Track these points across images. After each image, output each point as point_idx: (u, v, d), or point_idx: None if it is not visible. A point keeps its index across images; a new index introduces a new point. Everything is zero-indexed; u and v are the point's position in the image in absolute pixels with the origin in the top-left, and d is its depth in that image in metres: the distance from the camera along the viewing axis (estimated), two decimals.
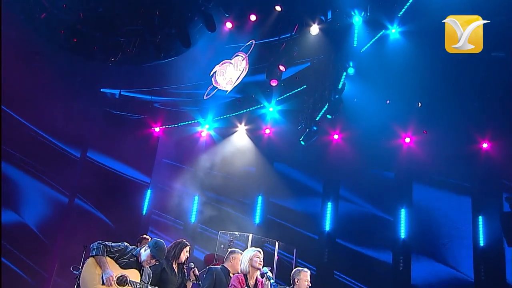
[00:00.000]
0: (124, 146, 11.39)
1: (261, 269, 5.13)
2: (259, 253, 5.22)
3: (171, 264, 5.49)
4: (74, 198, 10.60)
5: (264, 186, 11.69)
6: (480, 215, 10.05)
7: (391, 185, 10.77)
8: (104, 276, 4.63)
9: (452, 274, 9.91)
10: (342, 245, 11.04)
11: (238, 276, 5.06)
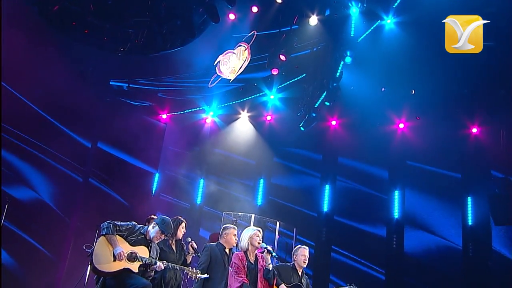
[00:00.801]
0: (133, 132, 11.46)
1: (260, 247, 5.27)
2: (258, 232, 5.34)
3: (169, 243, 5.54)
4: (88, 178, 10.68)
5: (265, 169, 11.79)
6: (469, 196, 10.19)
7: (386, 166, 10.84)
8: (116, 252, 4.72)
9: (442, 243, 10.06)
10: (339, 221, 11.16)
11: (238, 253, 5.17)
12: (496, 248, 9.57)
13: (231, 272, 5.07)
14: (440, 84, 9.66)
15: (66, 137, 10.31)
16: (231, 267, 5.10)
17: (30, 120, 9.70)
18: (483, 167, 10.08)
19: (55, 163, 9.97)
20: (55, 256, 9.61)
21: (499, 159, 9.78)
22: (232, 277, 5.00)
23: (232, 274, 5.02)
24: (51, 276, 9.41)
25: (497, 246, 9.55)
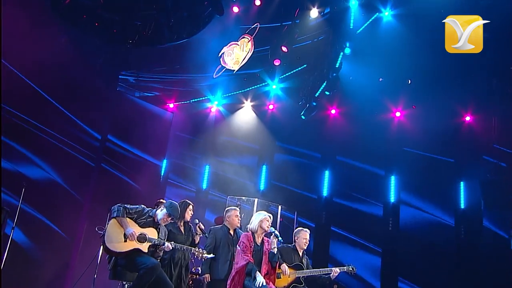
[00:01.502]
0: (141, 121, 11.55)
1: (269, 231, 5.32)
2: (268, 218, 5.39)
3: (177, 225, 5.58)
4: (100, 163, 10.77)
5: (268, 156, 11.86)
6: (461, 181, 10.26)
7: (383, 153, 10.86)
8: (127, 232, 4.78)
9: (435, 221, 10.15)
10: (338, 203, 11.27)
11: (247, 234, 5.23)
12: (486, 225, 9.67)
13: (238, 250, 5.12)
14: (435, 74, 9.66)
15: (78, 127, 10.32)
16: (239, 246, 5.15)
17: (44, 109, 9.74)
18: (475, 153, 10.12)
19: (68, 149, 10.01)
20: (70, 236, 9.71)
21: (491, 145, 9.82)
22: (239, 255, 5.04)
23: (239, 252, 5.06)
24: (66, 256, 9.52)
25: (488, 224, 9.65)
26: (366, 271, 10.19)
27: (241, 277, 4.93)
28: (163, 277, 4.92)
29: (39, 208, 9.25)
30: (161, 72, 11.73)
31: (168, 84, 12.16)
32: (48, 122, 9.73)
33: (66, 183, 9.86)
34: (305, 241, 6.05)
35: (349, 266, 6.03)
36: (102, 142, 10.94)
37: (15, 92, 9.12)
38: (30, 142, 9.41)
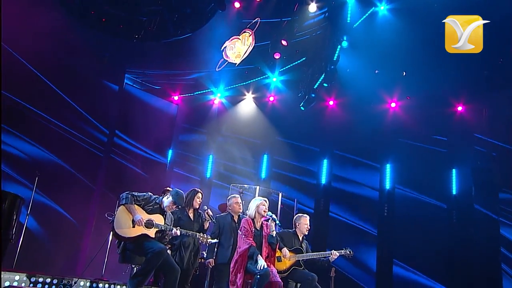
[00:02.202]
0: (147, 113, 11.57)
1: (266, 215, 5.36)
2: (264, 202, 5.42)
3: (187, 212, 5.61)
4: (109, 154, 10.81)
5: (269, 145, 11.87)
6: (454, 169, 10.30)
7: (378, 142, 10.88)
8: (135, 219, 4.80)
9: (429, 205, 10.23)
10: (336, 188, 11.34)
11: (247, 219, 5.26)
12: (477, 208, 9.74)
13: (240, 235, 5.16)
14: (428, 66, 9.64)
15: (87, 120, 10.33)
16: (240, 231, 5.19)
17: (55, 103, 9.78)
18: (467, 142, 10.16)
19: (78, 141, 10.04)
20: (81, 222, 9.79)
21: (482, 134, 9.84)
22: (241, 239, 5.08)
23: (241, 236, 5.11)
24: (77, 241, 9.60)
25: (479, 207, 9.71)
26: (362, 255, 10.27)
27: (244, 260, 4.98)
28: (169, 261, 4.96)
29: (52, 196, 9.32)
30: (166, 65, 11.70)
31: (173, 77, 12.17)
32: (58, 115, 9.78)
33: (77, 172, 9.90)
34: (306, 227, 6.08)
35: (347, 249, 6.07)
36: (110, 134, 10.95)
37: (32, 89, 9.29)
38: (43, 134, 9.47)
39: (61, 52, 9.67)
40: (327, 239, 10.42)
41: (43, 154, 9.34)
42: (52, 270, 7.40)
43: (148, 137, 11.46)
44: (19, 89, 9.11)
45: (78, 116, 10.17)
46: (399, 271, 10.16)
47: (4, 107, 8.76)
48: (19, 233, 6.82)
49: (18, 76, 9.06)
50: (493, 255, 9.22)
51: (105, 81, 10.79)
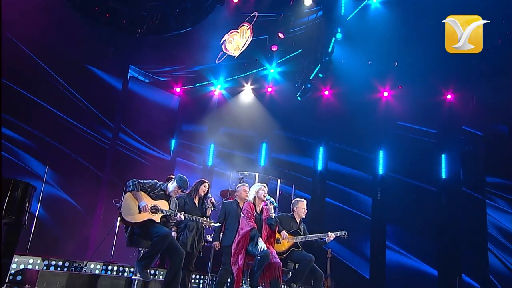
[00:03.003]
0: (151, 104, 11.54)
1: (265, 200, 5.38)
2: (264, 187, 5.44)
3: (192, 199, 5.63)
4: (115, 146, 10.81)
5: (267, 134, 11.87)
6: (443, 154, 10.33)
7: (372, 130, 10.90)
8: (141, 205, 4.80)
9: (420, 189, 10.30)
10: (331, 174, 11.38)
11: (249, 203, 5.29)
12: (465, 191, 9.82)
13: (243, 217, 5.17)
14: (419, 56, 9.63)
15: (92, 114, 10.29)
16: (243, 213, 5.21)
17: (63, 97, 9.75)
18: (455, 129, 10.22)
19: (85, 135, 10.04)
20: (90, 209, 9.84)
21: (470, 121, 9.87)
22: (244, 221, 5.10)
23: (244, 219, 5.13)
24: (86, 228, 9.63)
25: (467, 189, 9.77)
26: (357, 239, 10.36)
27: (246, 242, 5.01)
28: (174, 244, 4.98)
29: (61, 185, 9.35)
30: (168, 59, 11.65)
31: (175, 70, 12.13)
32: (66, 108, 9.75)
33: (85, 161, 9.91)
34: (304, 210, 6.08)
35: (342, 231, 6.08)
36: (115, 127, 10.90)
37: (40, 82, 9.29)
38: (53, 128, 9.46)
39: (67, 47, 9.62)
40: (324, 225, 10.49)
41: (53, 148, 9.31)
42: (63, 254, 7.43)
43: (151, 128, 11.41)
44: (28, 83, 9.10)
45: (84, 108, 10.12)
46: (391, 255, 10.26)
47: (16, 102, 8.84)
48: (31, 220, 6.85)
49: (27, 70, 9.10)
50: (480, 235, 9.31)
51: (109, 75, 10.72)
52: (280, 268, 4.94)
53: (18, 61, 8.90)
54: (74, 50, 9.74)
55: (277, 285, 4.89)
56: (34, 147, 9.00)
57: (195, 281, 7.42)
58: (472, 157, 9.82)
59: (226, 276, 5.47)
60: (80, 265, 6.39)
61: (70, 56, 9.80)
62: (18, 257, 5.71)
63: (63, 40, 9.38)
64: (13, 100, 8.67)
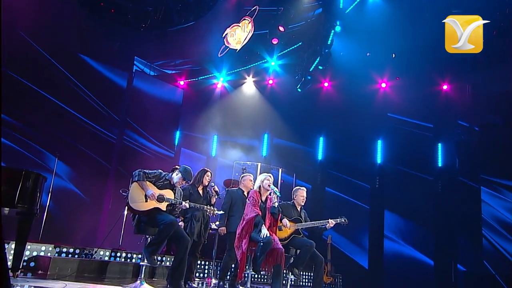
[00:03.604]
0: (156, 97, 11.53)
1: (270, 189, 5.38)
2: (269, 177, 5.40)
3: (197, 189, 5.64)
4: (121, 145, 10.85)
5: (269, 125, 11.86)
6: (439, 143, 10.33)
7: (370, 120, 10.91)
8: (147, 194, 4.79)
9: (416, 178, 10.32)
10: (331, 163, 11.41)
11: (255, 190, 5.22)
12: (461, 179, 9.84)
13: (248, 204, 5.14)
14: (416, 48, 9.59)
15: (99, 108, 10.29)
16: (248, 200, 5.18)
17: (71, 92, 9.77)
18: (451, 118, 10.20)
19: (93, 130, 10.07)
20: (98, 199, 9.90)
21: (465, 111, 9.85)
22: (249, 208, 5.09)
23: (249, 205, 5.10)
24: (95, 217, 9.70)
25: (462, 178, 9.78)
26: (355, 228, 10.42)
27: (250, 228, 5.01)
28: (180, 232, 5.00)
29: (70, 176, 9.40)
30: (172, 53, 11.62)
31: (179, 63, 12.09)
32: (73, 103, 9.75)
33: (94, 155, 9.95)
34: (303, 198, 6.06)
35: (342, 218, 6.08)
36: (122, 120, 10.91)
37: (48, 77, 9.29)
38: (61, 122, 9.49)
39: (74, 42, 9.61)
40: (324, 214, 10.56)
41: (63, 142, 9.32)
42: (74, 242, 7.49)
43: (156, 120, 11.42)
44: (37, 78, 9.12)
45: (91, 103, 10.12)
46: (389, 244, 10.31)
47: (27, 97, 8.91)
48: (42, 209, 6.90)
49: (37, 66, 9.11)
50: (473, 221, 9.35)
51: (115, 68, 10.70)
52: (282, 254, 4.95)
53: (30, 58, 8.96)
54: (81, 45, 9.72)
55: (279, 270, 4.91)
56: (44, 140, 9.02)
57: (200, 267, 7.50)
58: (467, 145, 9.83)
59: (230, 262, 5.51)
60: (90, 252, 6.46)
61: (77, 51, 9.79)
62: (31, 244, 5.79)
63: (70, 36, 9.36)
64: (24, 95, 8.76)
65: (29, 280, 4.61)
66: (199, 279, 7.06)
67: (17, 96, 8.73)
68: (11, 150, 8.53)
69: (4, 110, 8.54)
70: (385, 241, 10.29)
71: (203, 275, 7.52)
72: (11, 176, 4.13)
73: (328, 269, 8.98)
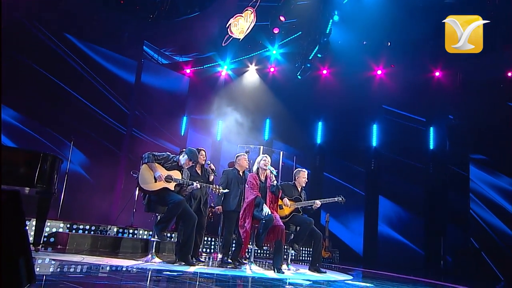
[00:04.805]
0: (163, 85, 11.51)
1: (267, 169, 5.42)
2: (266, 157, 5.43)
3: (195, 169, 5.58)
4: (131, 132, 10.85)
5: (270, 111, 11.85)
6: (431, 126, 10.31)
7: (366, 106, 10.90)
8: (156, 175, 4.81)
9: (410, 164, 10.33)
10: (329, 149, 11.43)
11: (252, 174, 5.25)
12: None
13: (247, 188, 5.17)
14: (410, 37, 9.51)
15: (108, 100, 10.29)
16: (247, 184, 5.20)
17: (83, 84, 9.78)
18: (443, 103, 10.14)
19: (104, 120, 10.09)
20: (111, 181, 9.98)
21: (456, 96, 9.81)
22: (248, 191, 5.14)
23: (248, 189, 5.14)
24: (109, 197, 9.80)
25: (453, 177, 9.80)
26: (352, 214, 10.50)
27: (251, 208, 5.06)
28: (188, 210, 5.04)
29: (85, 159, 9.48)
30: (179, 42, 11.56)
31: (185, 52, 12.02)
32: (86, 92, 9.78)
33: (104, 141, 10.00)
34: (304, 179, 6.07)
35: (339, 196, 6.10)
36: (131, 113, 10.90)
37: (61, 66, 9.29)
38: (77, 113, 9.53)
39: (86, 33, 9.56)
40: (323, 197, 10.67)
41: (76, 127, 9.36)
42: (89, 220, 7.60)
43: (164, 107, 11.42)
44: (51, 67, 9.12)
45: (103, 91, 10.12)
46: (383, 228, 10.38)
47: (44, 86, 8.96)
48: (60, 190, 6.98)
49: (48, 54, 9.09)
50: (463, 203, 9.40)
51: (125, 59, 10.66)
52: (283, 231, 5.01)
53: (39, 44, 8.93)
54: (91, 34, 9.66)
55: (280, 245, 4.98)
56: (59, 127, 9.08)
57: (207, 242, 7.61)
58: (457, 129, 9.82)
59: (230, 237, 5.59)
60: (105, 229, 6.58)
61: (87, 40, 9.73)
62: (50, 222, 5.89)
63: (81, 26, 9.31)
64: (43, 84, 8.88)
65: (50, 254, 4.71)
66: (206, 254, 7.17)
67: (37, 86, 8.87)
68: (30, 138, 8.65)
69: (26, 100, 8.69)
70: (379, 227, 10.36)
71: (210, 250, 7.65)
72: (31, 158, 4.19)
73: (326, 245, 9.10)
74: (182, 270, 4.24)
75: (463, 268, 8.88)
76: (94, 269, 3.84)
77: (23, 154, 4.23)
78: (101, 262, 4.33)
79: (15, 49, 8.52)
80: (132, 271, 3.95)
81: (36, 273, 1.61)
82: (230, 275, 4.29)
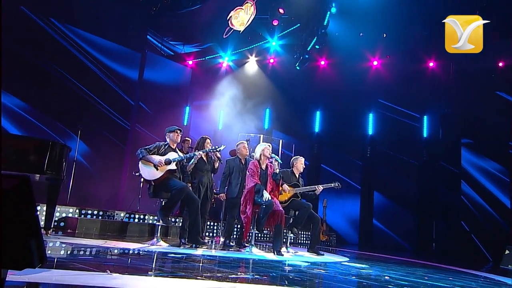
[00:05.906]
0: (166, 77, 11.44)
1: (270, 157, 5.40)
2: (268, 146, 5.41)
3: (201, 156, 5.47)
4: (134, 127, 10.80)
5: (270, 100, 11.83)
6: (425, 115, 10.29)
7: (363, 96, 10.86)
8: (155, 162, 4.78)
9: (404, 151, 10.37)
10: (327, 138, 11.41)
11: (253, 162, 5.23)
12: (444, 164, 9.85)
13: (248, 175, 5.15)
14: (405, 28, 9.43)
15: (113, 92, 10.23)
16: (248, 172, 5.20)
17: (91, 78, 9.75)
18: (436, 93, 10.11)
19: (109, 114, 10.04)
20: (117, 170, 10.00)
21: (449, 86, 9.77)
22: (249, 179, 5.13)
23: (248, 176, 5.13)
24: (115, 184, 9.82)
25: (445, 163, 9.79)
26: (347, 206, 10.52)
27: (252, 195, 5.07)
28: (191, 195, 5.04)
29: (91, 150, 9.46)
30: (181, 34, 11.45)
31: (187, 44, 11.92)
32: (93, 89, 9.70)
33: (109, 135, 9.98)
34: (302, 166, 6.06)
35: (336, 182, 6.11)
36: (135, 103, 10.84)
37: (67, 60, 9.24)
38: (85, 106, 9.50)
39: (92, 25, 9.47)
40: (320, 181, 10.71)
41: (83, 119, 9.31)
42: (97, 205, 7.63)
43: (167, 98, 11.36)
44: (57, 59, 9.06)
45: (108, 83, 10.05)
46: (377, 224, 10.43)
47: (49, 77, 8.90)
48: (68, 177, 6.99)
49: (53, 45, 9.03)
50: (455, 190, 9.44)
51: (129, 51, 10.57)
52: (282, 215, 5.03)
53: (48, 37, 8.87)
54: (96, 27, 9.57)
55: (280, 229, 5.00)
56: (68, 118, 9.06)
57: (210, 227, 7.66)
58: (450, 118, 9.80)
59: (232, 222, 5.61)
60: (112, 214, 6.61)
61: (93, 32, 9.65)
62: (60, 207, 5.92)
63: (86, 19, 9.22)
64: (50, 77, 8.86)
65: (60, 238, 4.74)
66: (209, 238, 7.22)
67: (43, 77, 8.83)
68: (35, 128, 8.65)
69: (33, 91, 8.64)
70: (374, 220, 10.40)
71: (213, 234, 7.69)
72: (40, 146, 4.20)
73: (324, 229, 9.16)
74: (187, 252, 4.28)
75: (454, 251, 8.96)
76: (103, 252, 3.87)
77: (33, 143, 4.24)
78: (109, 245, 4.36)
79: (21, 41, 8.45)
80: (140, 253, 3.98)
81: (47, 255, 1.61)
82: (233, 257, 4.32)
